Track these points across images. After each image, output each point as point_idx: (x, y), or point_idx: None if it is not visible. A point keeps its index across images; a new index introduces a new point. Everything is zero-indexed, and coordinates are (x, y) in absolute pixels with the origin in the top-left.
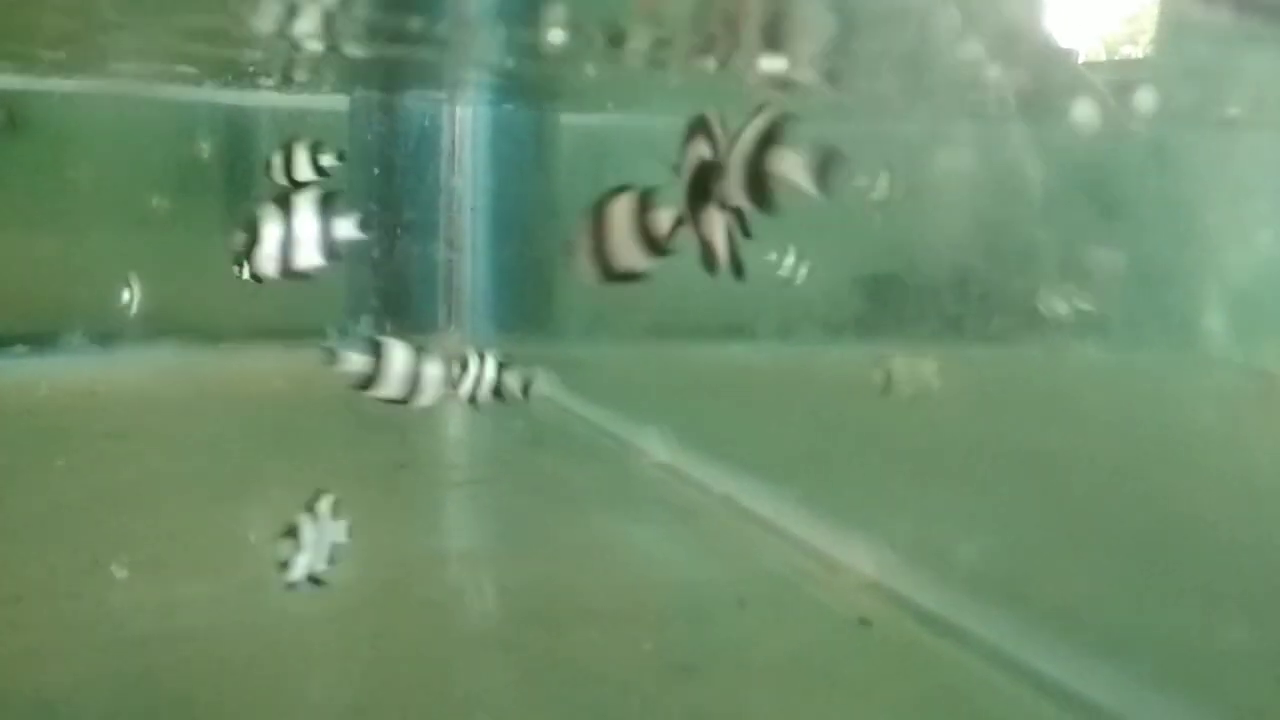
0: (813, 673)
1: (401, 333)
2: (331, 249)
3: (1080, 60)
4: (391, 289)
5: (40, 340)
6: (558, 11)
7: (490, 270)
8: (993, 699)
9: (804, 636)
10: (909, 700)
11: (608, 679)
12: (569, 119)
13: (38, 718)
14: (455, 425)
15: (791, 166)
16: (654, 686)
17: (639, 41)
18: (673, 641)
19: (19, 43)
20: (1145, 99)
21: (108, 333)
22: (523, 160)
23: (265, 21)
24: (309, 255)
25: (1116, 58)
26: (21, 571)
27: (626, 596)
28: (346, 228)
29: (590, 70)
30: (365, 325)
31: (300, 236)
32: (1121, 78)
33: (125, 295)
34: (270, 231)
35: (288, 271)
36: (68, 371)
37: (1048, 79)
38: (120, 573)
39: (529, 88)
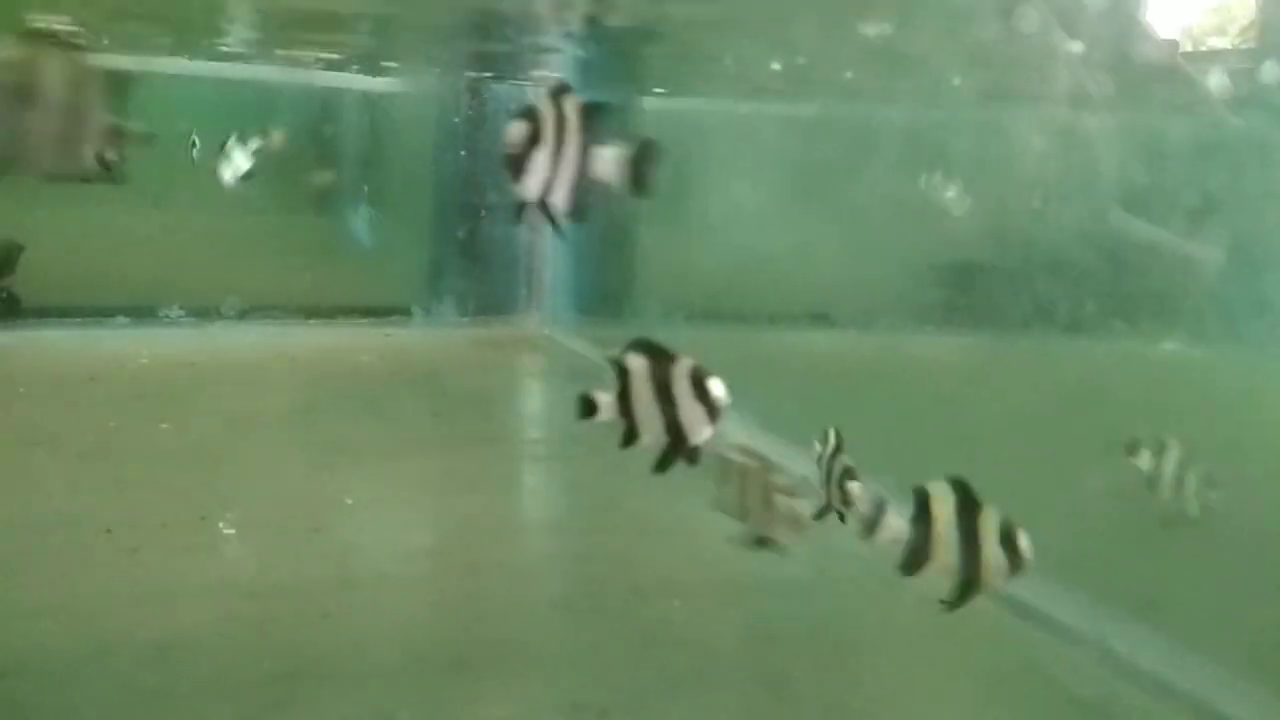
0: (891, 646)
1: (483, 313)
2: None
3: (1177, 48)
4: (474, 270)
5: (140, 312)
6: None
7: (571, 253)
8: (1071, 678)
9: (884, 613)
10: (986, 674)
11: (690, 645)
12: (650, 103)
13: (156, 660)
14: (535, 402)
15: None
16: (736, 653)
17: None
18: (755, 613)
19: (133, 23)
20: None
21: (204, 308)
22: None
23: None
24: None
25: (1212, 47)
26: (137, 526)
27: (708, 570)
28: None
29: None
30: (449, 305)
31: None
32: (1217, 67)
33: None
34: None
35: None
36: (166, 343)
37: (1145, 66)
38: (227, 529)
39: (611, 71)
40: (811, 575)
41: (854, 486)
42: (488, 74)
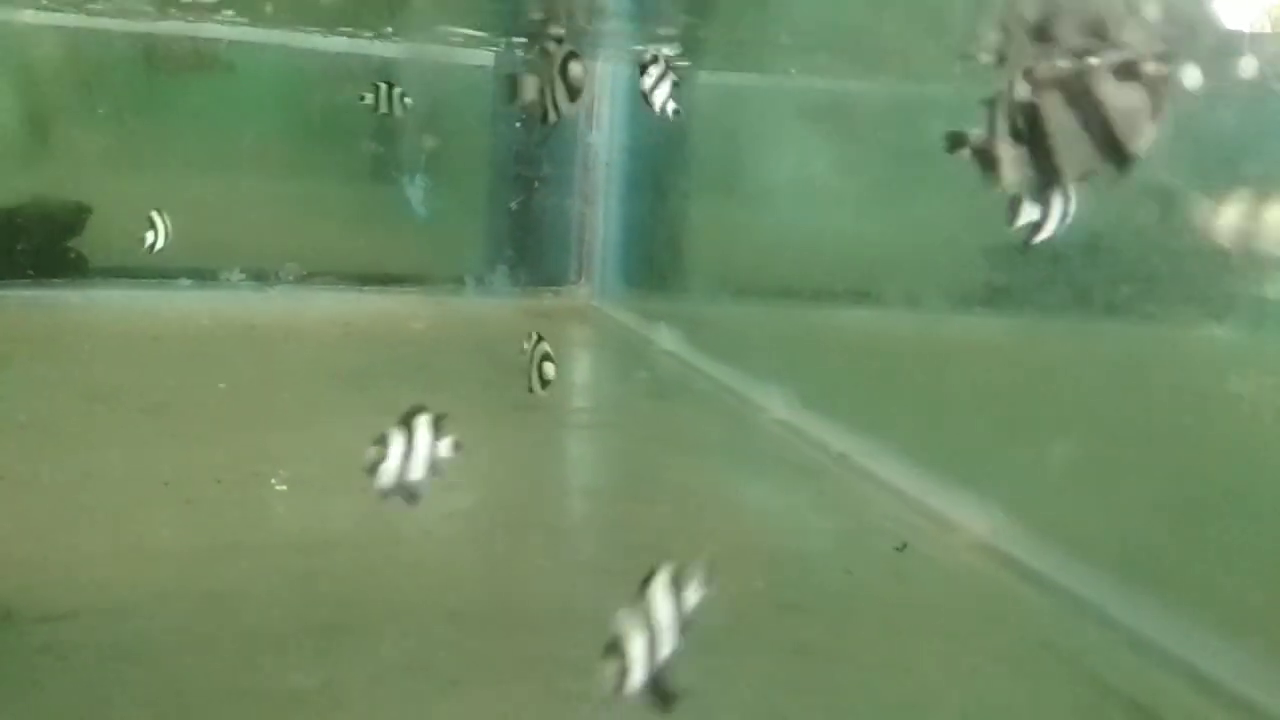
0: (914, 619)
1: (534, 284)
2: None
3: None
4: (526, 241)
5: (202, 275)
6: None
7: (621, 226)
8: (1090, 655)
9: (909, 587)
10: (1004, 649)
11: (719, 611)
12: (706, 77)
13: (209, 610)
14: (583, 373)
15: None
16: (762, 620)
17: None
18: (782, 582)
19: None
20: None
21: (263, 272)
22: (658, 117)
23: None
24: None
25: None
26: (191, 480)
27: (739, 539)
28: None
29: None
30: (501, 275)
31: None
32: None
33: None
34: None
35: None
36: (227, 305)
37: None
38: (279, 485)
39: (668, 45)
40: (835, 547)
41: (549, 367)
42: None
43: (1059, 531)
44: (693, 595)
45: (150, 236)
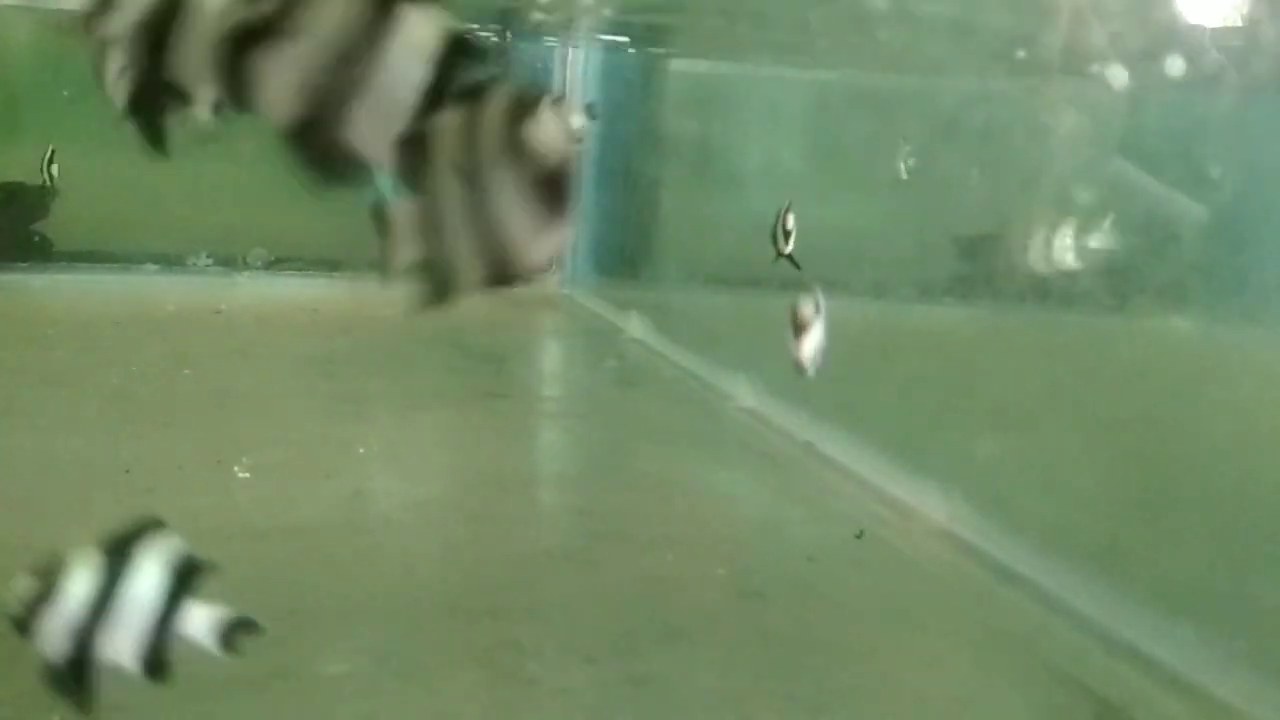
0: (876, 606)
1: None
2: None
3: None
4: None
5: (168, 260)
6: None
7: (593, 214)
8: (1050, 644)
9: (871, 576)
10: (964, 636)
11: (679, 596)
12: (678, 64)
13: None
14: (552, 361)
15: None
16: (724, 607)
17: None
18: (745, 569)
19: None
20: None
21: (231, 257)
22: (629, 104)
23: None
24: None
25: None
26: (153, 467)
27: (703, 527)
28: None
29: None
30: None
31: None
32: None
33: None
34: None
35: None
36: (193, 291)
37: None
38: (241, 473)
39: (639, 31)
40: (799, 534)
41: None
42: (513, 31)
43: (1018, 519)
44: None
45: None
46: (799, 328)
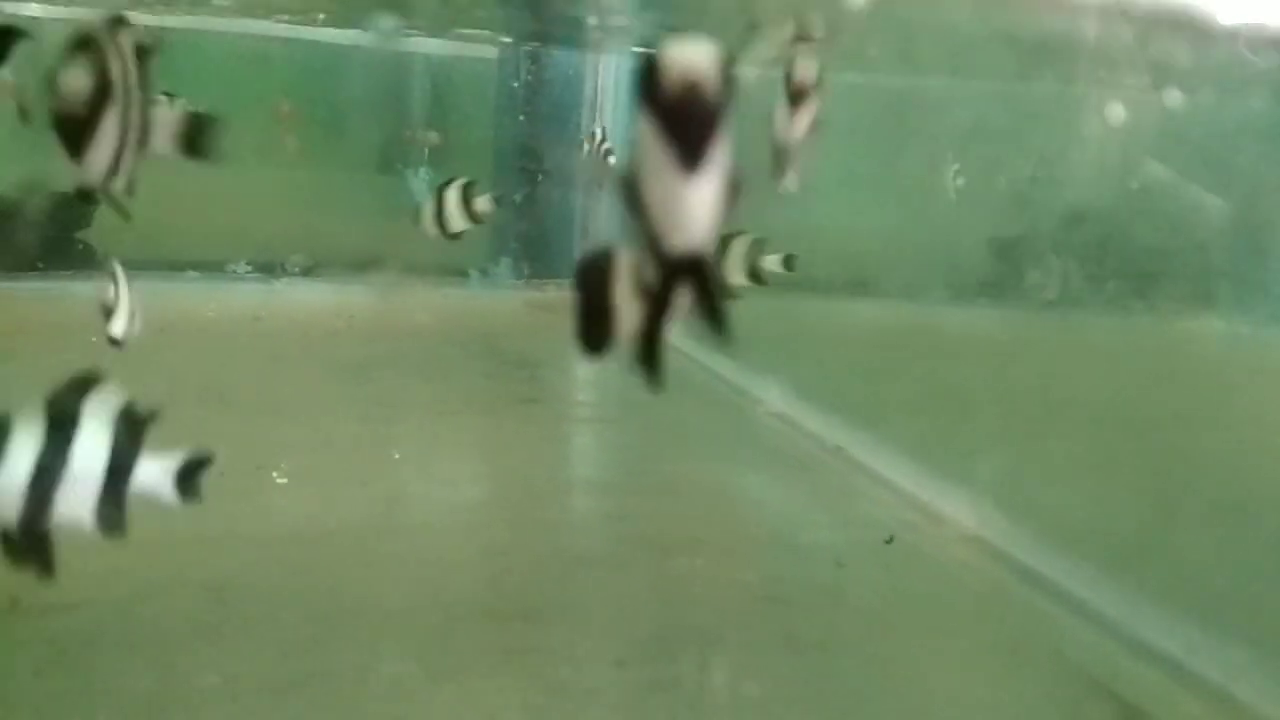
0: (905, 612)
1: (537, 276)
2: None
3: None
4: (531, 233)
5: (209, 267)
6: None
7: (624, 218)
8: (1082, 652)
9: (901, 581)
10: (992, 643)
11: (708, 601)
12: None
13: (210, 597)
14: (583, 366)
15: None
16: (752, 611)
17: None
18: (772, 575)
19: None
20: None
21: (269, 264)
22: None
23: None
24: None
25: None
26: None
27: (732, 532)
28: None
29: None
30: (504, 267)
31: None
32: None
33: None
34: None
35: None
36: (233, 297)
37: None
38: (280, 478)
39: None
40: (828, 540)
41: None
42: (544, 41)
43: (1048, 525)
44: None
45: None
46: (795, 96)
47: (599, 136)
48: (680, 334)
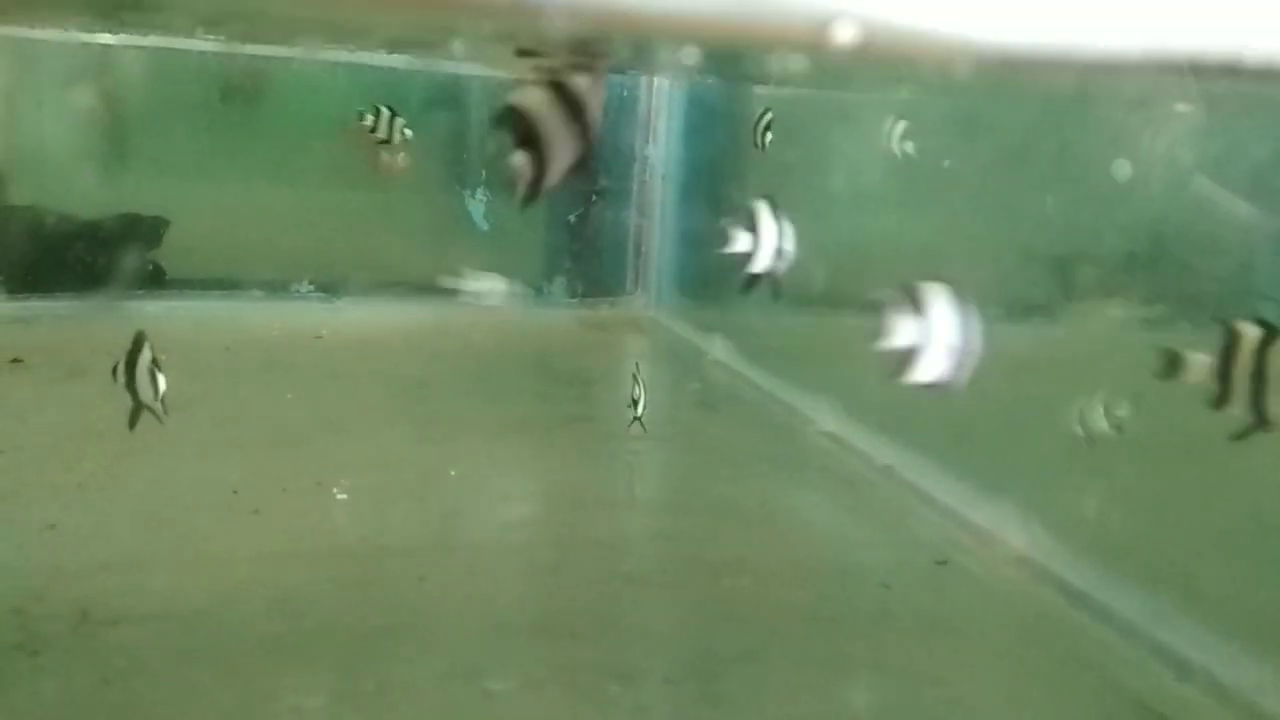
0: (952, 633)
1: (591, 295)
2: None
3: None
4: (584, 253)
5: (273, 286)
6: None
7: (677, 237)
8: (1131, 675)
9: (949, 602)
10: (1041, 664)
11: (756, 620)
12: (761, 90)
13: (271, 610)
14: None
15: None
16: (800, 631)
17: None
18: (822, 595)
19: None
20: None
21: (331, 283)
22: (714, 130)
23: None
24: None
25: None
26: (258, 489)
27: (781, 551)
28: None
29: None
30: (558, 286)
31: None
32: None
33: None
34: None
35: None
36: (296, 316)
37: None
38: (340, 495)
39: (723, 59)
40: (876, 560)
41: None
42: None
43: (1100, 548)
44: None
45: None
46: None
47: None
48: (732, 352)
